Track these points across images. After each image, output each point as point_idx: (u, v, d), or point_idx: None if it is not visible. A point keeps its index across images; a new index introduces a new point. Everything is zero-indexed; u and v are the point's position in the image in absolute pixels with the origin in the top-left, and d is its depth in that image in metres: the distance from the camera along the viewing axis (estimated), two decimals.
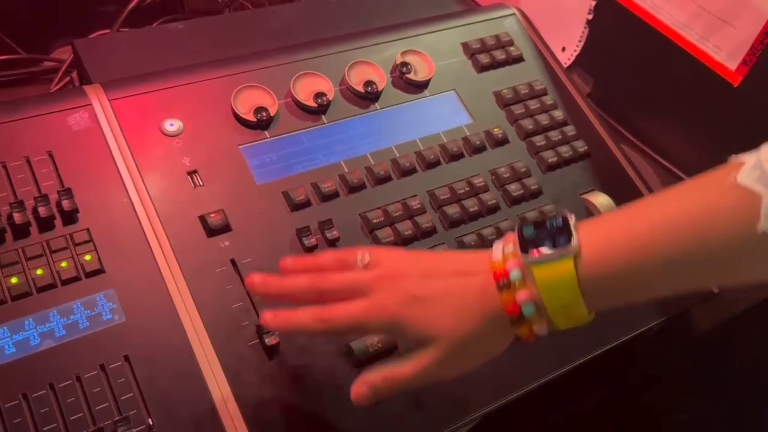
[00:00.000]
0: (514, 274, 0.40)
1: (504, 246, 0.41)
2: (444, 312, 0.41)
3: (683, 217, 0.37)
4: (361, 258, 0.45)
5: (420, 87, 0.68)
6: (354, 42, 0.68)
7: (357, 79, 0.65)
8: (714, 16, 0.71)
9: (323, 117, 0.63)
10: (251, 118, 0.60)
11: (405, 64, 0.67)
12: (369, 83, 0.65)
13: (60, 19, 0.83)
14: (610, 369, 0.73)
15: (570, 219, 0.40)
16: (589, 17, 0.89)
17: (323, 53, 0.66)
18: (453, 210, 0.61)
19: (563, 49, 0.95)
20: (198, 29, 0.73)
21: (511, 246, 0.41)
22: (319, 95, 0.63)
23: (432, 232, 0.60)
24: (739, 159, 0.37)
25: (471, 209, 0.61)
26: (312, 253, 0.55)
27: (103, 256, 0.51)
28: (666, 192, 0.39)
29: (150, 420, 0.46)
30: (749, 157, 0.36)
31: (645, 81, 0.81)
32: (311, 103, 0.62)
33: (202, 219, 0.55)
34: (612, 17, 0.87)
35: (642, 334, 0.62)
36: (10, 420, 0.44)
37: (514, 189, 0.64)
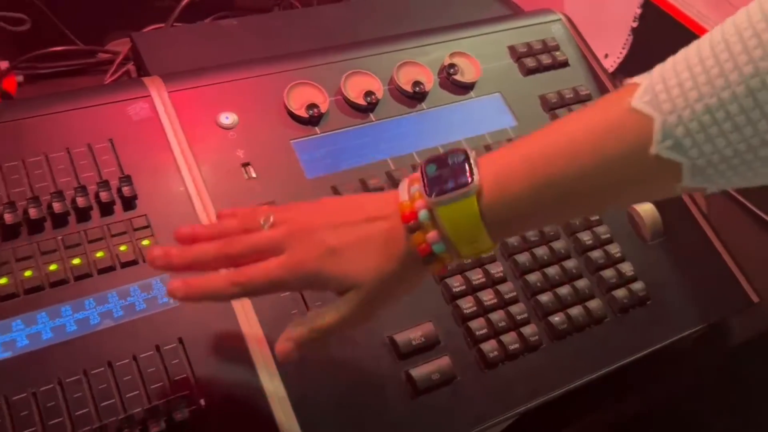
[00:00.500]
0: (422, 215, 0.40)
1: (410, 186, 0.42)
2: (361, 258, 0.42)
3: (580, 140, 0.38)
4: (265, 219, 0.44)
5: (466, 88, 0.69)
6: (402, 43, 0.70)
7: (405, 79, 0.66)
8: None
9: (371, 115, 0.65)
10: (303, 114, 0.62)
11: (452, 65, 0.68)
12: (417, 83, 0.66)
13: (115, 13, 0.86)
14: (646, 376, 0.73)
15: (470, 154, 0.41)
16: (634, 25, 0.90)
17: (373, 53, 0.68)
18: None
19: (606, 56, 0.96)
20: (250, 26, 0.75)
21: (417, 186, 0.41)
22: (369, 94, 0.64)
23: None
24: (634, 81, 0.37)
25: None
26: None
27: (160, 241, 0.53)
28: (565, 117, 0.40)
29: (202, 401, 0.48)
30: (643, 79, 0.36)
31: None
32: (360, 101, 0.64)
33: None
34: (657, 25, 0.87)
35: (682, 339, 0.62)
36: (71, 394, 0.46)
37: None
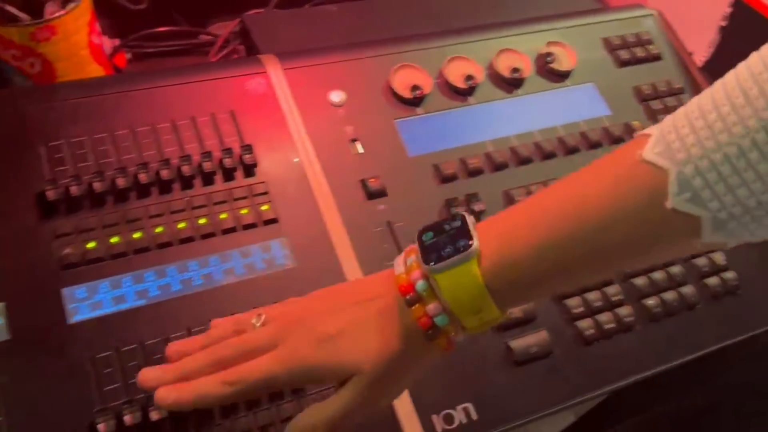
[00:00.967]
0: (420, 285, 0.38)
1: (406, 258, 0.40)
2: (359, 342, 0.39)
3: (589, 197, 0.35)
4: (257, 318, 0.42)
5: (562, 77, 0.71)
6: (501, 30, 0.72)
7: (504, 65, 0.68)
8: None
9: (471, 98, 0.67)
10: (407, 95, 0.64)
11: (549, 54, 0.70)
12: (515, 70, 0.68)
13: None
14: (713, 370, 0.74)
15: (468, 219, 0.38)
16: (723, 24, 0.90)
17: (473, 39, 0.70)
18: None
19: (690, 54, 0.96)
20: (348, 12, 0.79)
21: (413, 256, 0.39)
22: (469, 78, 0.67)
23: None
24: (644, 132, 0.35)
25: None
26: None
27: (277, 207, 0.56)
28: (572, 174, 0.37)
29: None
30: (653, 130, 0.34)
31: None
32: (461, 85, 0.66)
33: (362, 183, 0.59)
34: (747, 25, 0.87)
35: (759, 335, 0.63)
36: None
37: None
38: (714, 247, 0.35)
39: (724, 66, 0.37)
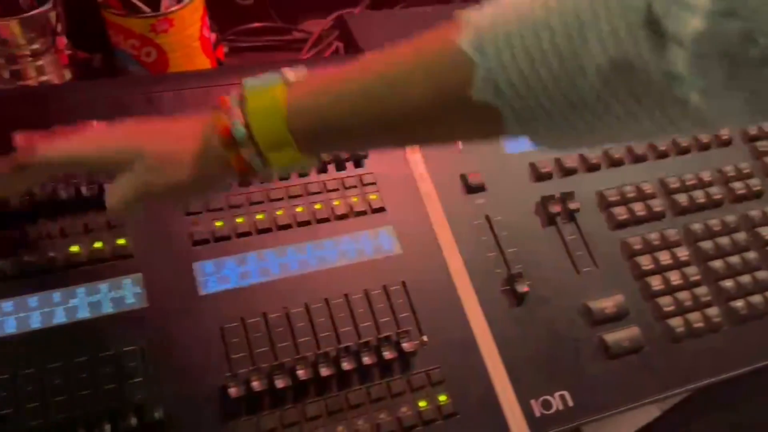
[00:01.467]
0: (232, 99, 0.40)
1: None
2: (158, 134, 0.43)
3: (400, 61, 0.37)
4: None
5: None
6: None
7: None
8: None
9: None
10: None
11: None
12: None
13: None
14: None
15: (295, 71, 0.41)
16: None
17: None
18: (682, 198, 0.65)
19: None
20: (442, 13, 0.81)
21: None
22: None
23: (661, 216, 0.64)
24: (464, 17, 0.36)
25: (697, 200, 0.66)
26: None
27: (384, 197, 0.60)
28: (393, 47, 0.39)
29: (425, 337, 0.54)
30: (472, 16, 0.36)
31: None
32: None
33: (462, 177, 0.62)
34: None
35: None
36: (316, 319, 0.53)
37: (738, 187, 0.67)
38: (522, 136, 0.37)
39: None
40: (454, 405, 0.52)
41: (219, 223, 0.55)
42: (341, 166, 0.60)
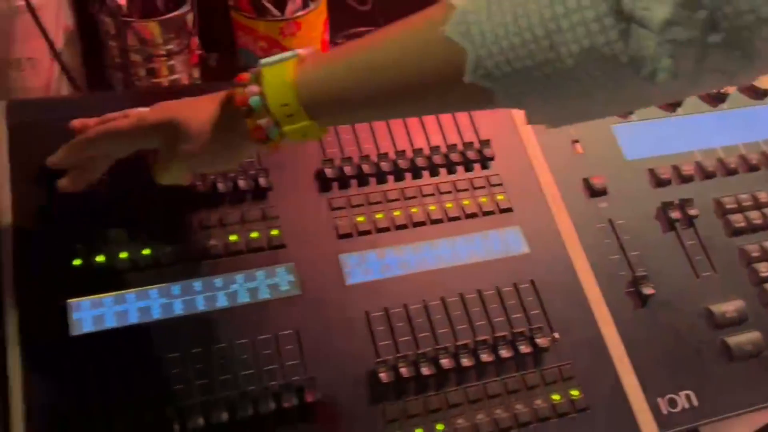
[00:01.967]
0: (251, 75, 0.45)
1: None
2: (190, 106, 0.48)
3: (392, 47, 0.40)
4: None
5: (763, 95, 0.74)
6: None
7: None
8: None
9: (679, 109, 0.71)
10: None
11: None
12: None
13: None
14: None
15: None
16: None
17: None
18: None
19: None
20: None
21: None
22: None
23: None
24: (450, 2, 0.38)
25: None
26: None
27: (510, 197, 0.62)
28: (390, 27, 0.42)
29: (556, 334, 0.56)
30: (458, 3, 0.38)
31: None
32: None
33: (585, 181, 0.64)
34: None
35: None
36: (452, 312, 0.56)
37: None
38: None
39: None
40: (585, 399, 0.54)
41: (361, 218, 0.58)
42: (469, 167, 0.63)
